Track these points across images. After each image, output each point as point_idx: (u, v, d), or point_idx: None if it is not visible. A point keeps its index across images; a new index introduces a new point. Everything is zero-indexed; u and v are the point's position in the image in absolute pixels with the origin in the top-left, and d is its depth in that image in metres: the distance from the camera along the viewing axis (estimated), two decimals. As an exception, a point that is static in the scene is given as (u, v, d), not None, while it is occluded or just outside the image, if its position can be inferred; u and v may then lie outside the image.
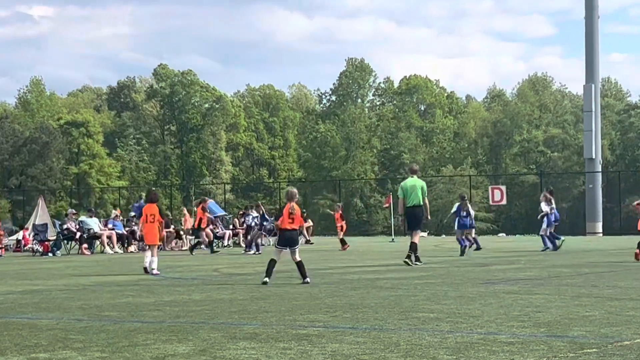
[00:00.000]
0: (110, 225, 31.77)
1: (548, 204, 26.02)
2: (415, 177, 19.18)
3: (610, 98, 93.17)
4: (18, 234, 35.44)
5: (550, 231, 25.81)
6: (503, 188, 48.47)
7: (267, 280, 13.87)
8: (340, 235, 31.32)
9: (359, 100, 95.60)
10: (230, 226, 35.21)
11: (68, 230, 30.40)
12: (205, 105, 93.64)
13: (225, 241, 33.00)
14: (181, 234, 33.92)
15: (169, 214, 41.74)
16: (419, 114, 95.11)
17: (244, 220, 31.22)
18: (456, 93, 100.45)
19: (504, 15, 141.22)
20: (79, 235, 30.09)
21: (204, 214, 28.90)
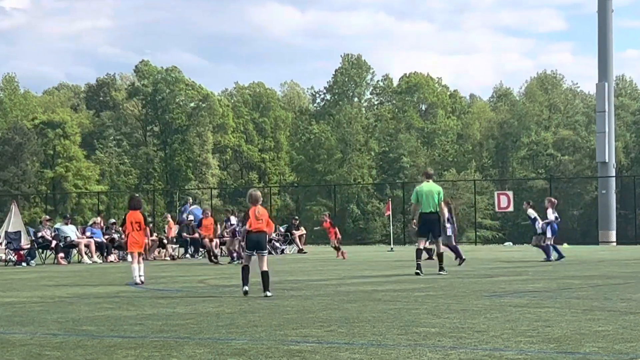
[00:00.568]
0: (88, 233, 31.67)
1: (554, 212, 26.28)
2: (431, 182, 19.64)
3: (624, 97, 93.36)
4: (-11, 242, 35.31)
5: (546, 240, 26.11)
6: (510, 194, 48.60)
7: (247, 288, 13.95)
8: (335, 243, 31.22)
9: (355, 99, 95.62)
10: (217, 233, 35.20)
11: (43, 238, 30.32)
12: (191, 104, 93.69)
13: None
14: (164, 243, 33.86)
15: (151, 220, 41.69)
16: (420, 114, 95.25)
17: (225, 226, 31.43)
18: (459, 92, 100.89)
19: (511, 9, 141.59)
20: (54, 243, 30.02)
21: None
